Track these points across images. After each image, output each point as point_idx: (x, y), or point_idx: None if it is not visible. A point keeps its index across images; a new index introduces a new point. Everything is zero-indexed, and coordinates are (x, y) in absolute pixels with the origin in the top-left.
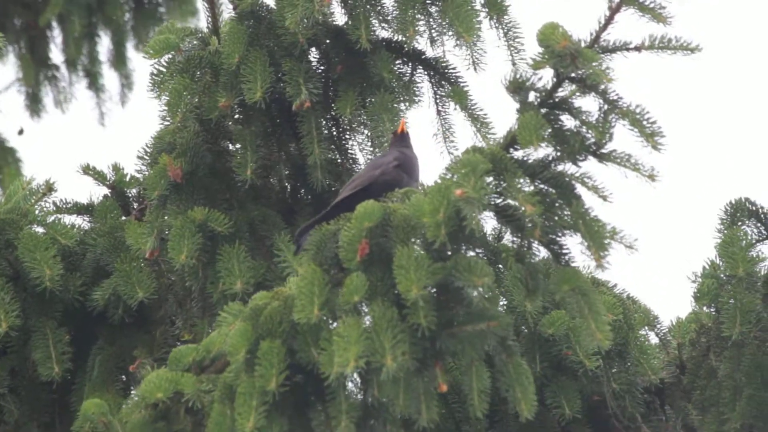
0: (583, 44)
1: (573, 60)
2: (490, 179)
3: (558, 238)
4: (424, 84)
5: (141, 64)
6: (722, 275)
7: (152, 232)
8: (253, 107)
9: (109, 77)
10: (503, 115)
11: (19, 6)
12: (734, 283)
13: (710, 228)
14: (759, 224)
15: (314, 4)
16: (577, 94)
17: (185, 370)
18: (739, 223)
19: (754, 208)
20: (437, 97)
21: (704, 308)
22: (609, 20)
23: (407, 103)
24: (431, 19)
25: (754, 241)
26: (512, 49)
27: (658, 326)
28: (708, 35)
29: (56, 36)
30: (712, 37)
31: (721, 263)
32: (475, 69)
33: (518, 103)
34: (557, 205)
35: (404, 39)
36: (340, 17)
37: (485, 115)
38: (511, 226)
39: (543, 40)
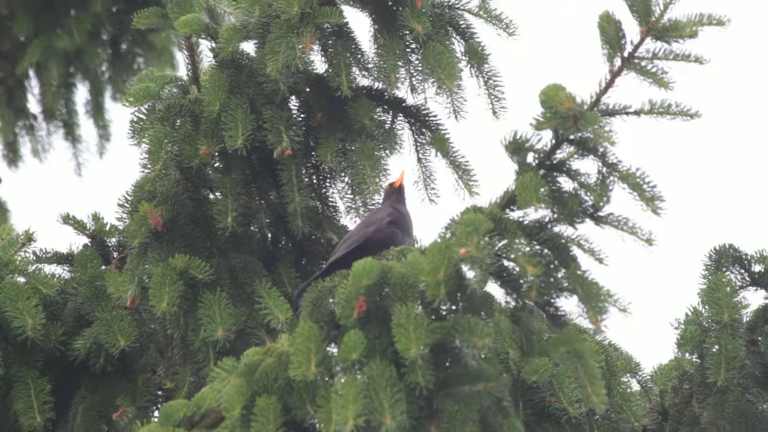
0: (584, 107)
1: (575, 122)
2: (488, 239)
3: (553, 300)
4: (404, 131)
5: (118, 114)
6: (704, 322)
7: (133, 281)
8: (233, 155)
9: (87, 127)
10: (483, 163)
11: None
12: (719, 329)
13: (691, 274)
14: (743, 270)
15: (296, 52)
16: (576, 156)
17: (176, 425)
18: (724, 270)
19: (738, 254)
20: (418, 144)
21: (687, 355)
22: (610, 83)
23: (388, 151)
24: (411, 67)
25: (738, 288)
26: (492, 97)
27: (640, 373)
28: (705, 94)
29: (34, 86)
30: (714, 96)
31: (704, 309)
32: (456, 117)
33: (516, 164)
34: (553, 266)
35: (385, 86)
36: (320, 65)
37: (467, 162)
38: (505, 287)
39: (546, 101)
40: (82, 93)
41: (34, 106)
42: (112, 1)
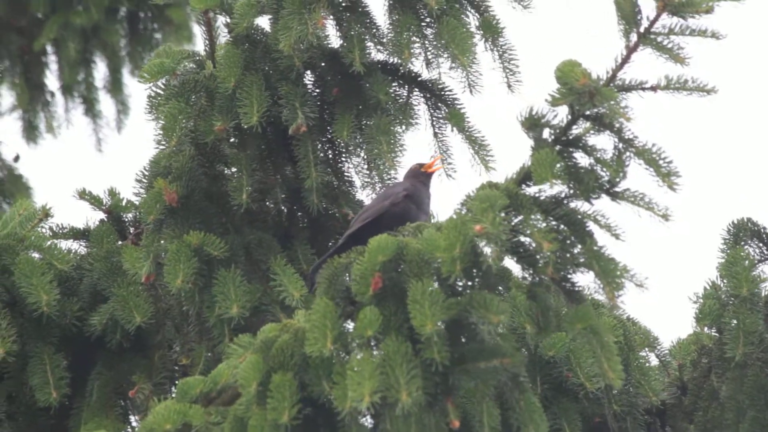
0: (600, 83)
1: (591, 98)
2: (503, 215)
3: (570, 276)
4: (420, 106)
5: (137, 90)
6: (723, 296)
7: (148, 257)
8: (248, 131)
9: (106, 103)
10: (499, 137)
11: (13, 31)
12: (737, 303)
13: (710, 248)
14: (761, 244)
15: (308, 27)
16: (591, 132)
17: (193, 401)
18: (742, 243)
19: (756, 228)
20: (434, 119)
21: (705, 329)
22: (626, 59)
23: (404, 126)
24: (426, 42)
25: (756, 262)
26: (507, 71)
27: (659, 347)
28: (725, 70)
29: (51, 62)
30: (729, 71)
31: (722, 284)
32: (471, 92)
33: (532, 140)
34: (569, 242)
35: (400, 61)
36: (336, 40)
37: (483, 137)
38: (522, 263)
39: (561, 77)
40: (100, 69)
41: (52, 82)
42: None
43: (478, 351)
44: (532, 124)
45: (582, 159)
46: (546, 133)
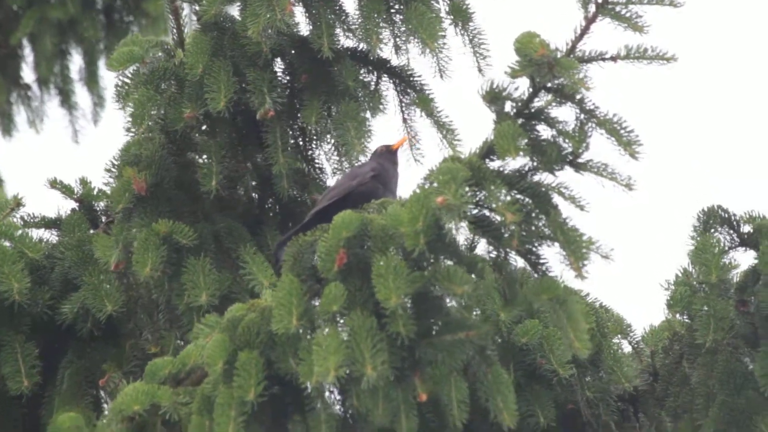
0: (559, 54)
1: (550, 69)
2: (467, 189)
3: (535, 248)
4: (389, 92)
5: (113, 82)
6: (695, 283)
7: (117, 245)
8: (218, 118)
9: (82, 95)
10: (469, 122)
11: None
12: (707, 290)
13: (682, 235)
14: (731, 231)
15: (276, 14)
16: (553, 104)
17: (161, 382)
18: (712, 231)
19: (726, 215)
20: (403, 104)
21: (677, 316)
22: (585, 30)
23: (373, 112)
24: (395, 28)
25: (726, 248)
26: (478, 55)
27: (631, 334)
28: (683, 40)
29: (27, 55)
30: (687, 41)
31: (693, 271)
32: (441, 76)
33: (494, 114)
34: (534, 215)
35: (368, 47)
36: (305, 27)
37: (451, 122)
38: (487, 236)
39: (520, 49)
40: (76, 61)
41: (28, 75)
42: None
43: (444, 324)
44: (494, 97)
45: (545, 131)
46: (508, 107)
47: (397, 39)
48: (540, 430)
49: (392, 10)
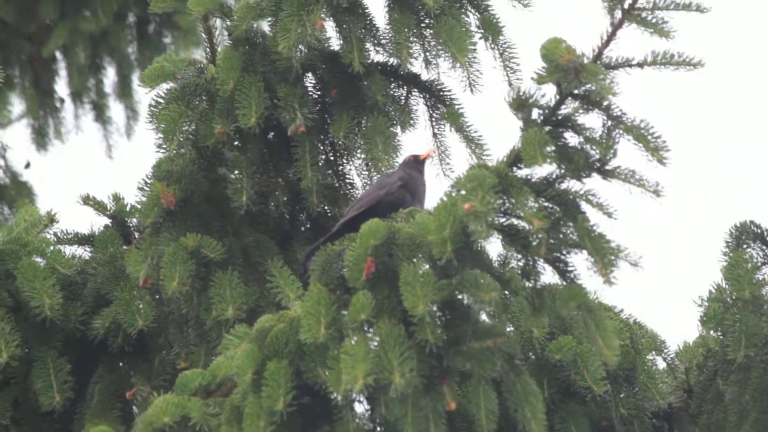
0: (585, 60)
1: (577, 74)
2: (494, 196)
3: (563, 256)
4: (419, 106)
5: (146, 96)
6: (728, 298)
7: (146, 260)
8: (249, 133)
9: (116, 109)
10: (498, 137)
11: (22, 38)
12: (740, 306)
13: (716, 251)
14: (764, 247)
15: (307, 29)
16: (580, 110)
17: (192, 394)
18: (745, 246)
19: (759, 230)
20: (433, 119)
21: (711, 332)
22: (611, 36)
23: (402, 126)
24: (425, 42)
25: (759, 264)
26: (508, 69)
27: (666, 351)
28: (711, 46)
29: (61, 68)
30: (715, 47)
31: (726, 286)
32: (471, 90)
33: (521, 121)
34: (562, 222)
35: (399, 62)
36: (336, 42)
37: (480, 136)
38: (515, 245)
39: (546, 55)
40: (110, 74)
41: (62, 88)
42: None
43: (472, 332)
44: (520, 104)
45: (572, 138)
46: (535, 114)
47: (427, 53)
48: None
49: (422, 25)
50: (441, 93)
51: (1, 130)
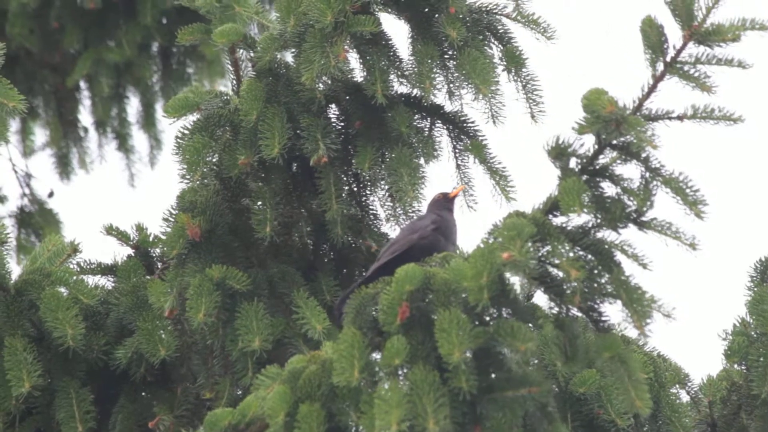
0: (627, 111)
1: (618, 126)
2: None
3: (597, 306)
4: (443, 138)
5: (170, 126)
6: (753, 333)
7: (172, 291)
8: (272, 164)
9: (139, 138)
10: (523, 167)
11: (46, 68)
12: (764, 341)
13: (741, 285)
14: None
15: (330, 60)
16: (618, 161)
17: None
18: None
19: None
20: (456, 150)
21: (735, 366)
22: (653, 88)
23: (426, 158)
24: (449, 74)
25: None
26: (531, 101)
27: (689, 384)
28: (752, 100)
29: (84, 97)
30: (756, 102)
31: (751, 321)
32: (494, 122)
33: (559, 169)
34: (597, 272)
35: (422, 93)
36: (360, 73)
37: (504, 168)
38: (549, 292)
39: (588, 105)
40: (133, 104)
41: (85, 117)
42: (162, 12)
43: (505, 380)
44: (559, 153)
45: (609, 188)
46: (573, 163)
47: (451, 85)
48: None
49: (445, 56)
50: (464, 125)
51: (25, 159)
